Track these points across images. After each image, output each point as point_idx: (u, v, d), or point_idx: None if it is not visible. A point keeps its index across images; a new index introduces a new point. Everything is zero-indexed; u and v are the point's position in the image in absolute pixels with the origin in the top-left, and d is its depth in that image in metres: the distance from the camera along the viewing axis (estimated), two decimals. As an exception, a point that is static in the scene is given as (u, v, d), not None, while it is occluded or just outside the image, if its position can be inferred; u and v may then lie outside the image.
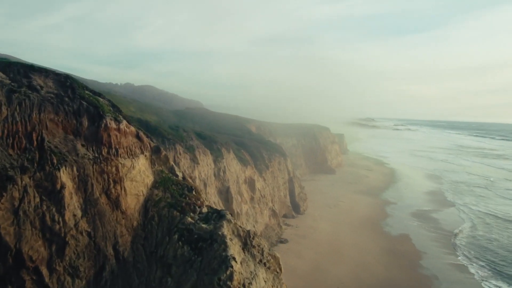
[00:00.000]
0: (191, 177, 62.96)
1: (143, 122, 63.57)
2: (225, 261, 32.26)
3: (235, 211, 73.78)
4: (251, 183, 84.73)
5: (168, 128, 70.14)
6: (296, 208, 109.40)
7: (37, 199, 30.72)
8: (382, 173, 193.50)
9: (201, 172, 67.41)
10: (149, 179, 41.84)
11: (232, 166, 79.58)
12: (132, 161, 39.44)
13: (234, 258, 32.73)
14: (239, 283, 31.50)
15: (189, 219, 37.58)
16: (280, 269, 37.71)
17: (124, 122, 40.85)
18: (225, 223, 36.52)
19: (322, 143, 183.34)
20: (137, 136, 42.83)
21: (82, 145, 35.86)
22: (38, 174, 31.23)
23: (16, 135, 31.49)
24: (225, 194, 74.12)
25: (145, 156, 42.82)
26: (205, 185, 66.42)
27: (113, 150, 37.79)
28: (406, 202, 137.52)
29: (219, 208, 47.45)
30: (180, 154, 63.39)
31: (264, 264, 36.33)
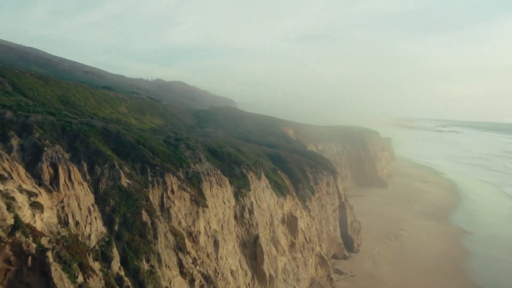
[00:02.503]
0: (191, 234, 34.81)
1: (112, 135, 35.52)
2: None
3: (267, 274, 45.02)
4: (291, 223, 55.46)
5: (162, 144, 41.95)
6: (348, 244, 79.38)
7: None
8: (440, 186, 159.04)
9: (211, 220, 38.80)
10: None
11: (264, 199, 50.54)
12: None
13: None
14: None
15: None
16: None
17: None
18: None
19: (371, 151, 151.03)
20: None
21: None
22: None
23: None
24: (251, 248, 45.46)
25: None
26: (216, 243, 37.80)
27: None
28: (485, 230, 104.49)
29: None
30: (172, 192, 35.02)
31: None
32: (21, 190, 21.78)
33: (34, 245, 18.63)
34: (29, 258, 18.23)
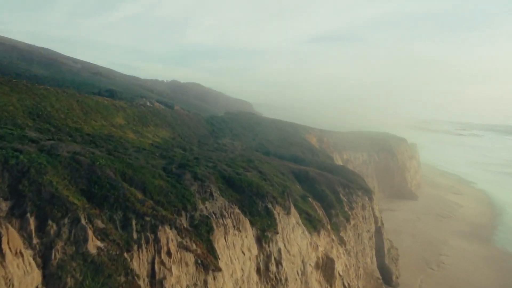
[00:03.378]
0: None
1: (84, 168, 23.88)
2: None
3: None
4: (327, 267, 43.17)
5: (159, 175, 30.15)
6: (386, 276, 66.76)
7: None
8: (474, 198, 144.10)
9: (224, 282, 26.94)
10: None
11: (295, 241, 38.40)
12: None
13: None
14: None
15: None
16: None
17: None
18: None
19: (400, 160, 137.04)
20: None
21: None
22: None
23: None
24: (278, 311, 33.38)
25: None
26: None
27: None
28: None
29: None
30: (169, 254, 23.36)
31: None
32: None
33: None
34: None
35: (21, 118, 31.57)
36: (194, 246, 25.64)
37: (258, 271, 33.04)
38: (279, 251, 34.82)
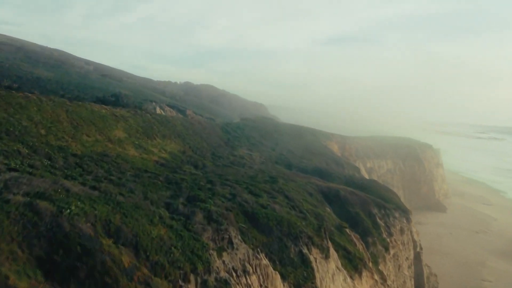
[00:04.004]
0: None
1: (44, 221, 16.11)
2: None
3: None
4: (372, 319, 34.38)
5: (160, 218, 21.87)
6: (427, 310, 57.47)
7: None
8: (508, 210, 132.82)
9: None
10: None
11: (335, 293, 29.71)
12: None
13: None
14: None
15: None
16: None
17: None
18: None
19: (427, 168, 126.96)
20: None
21: None
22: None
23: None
24: None
25: None
26: None
27: None
28: None
29: None
30: None
31: None
32: None
33: None
34: None
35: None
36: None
37: None
38: (317, 310, 26.30)
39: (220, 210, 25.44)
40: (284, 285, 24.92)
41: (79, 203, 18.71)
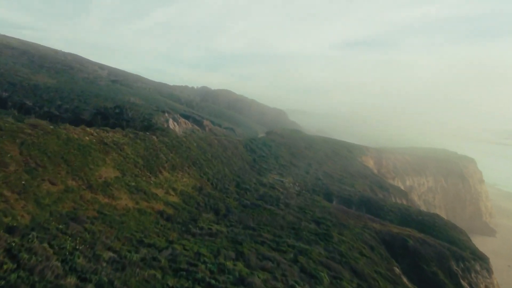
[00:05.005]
0: None
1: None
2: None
3: None
4: None
5: None
6: None
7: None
8: None
9: None
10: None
11: None
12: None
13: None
14: None
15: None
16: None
17: None
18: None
19: (472, 185, 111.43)
20: None
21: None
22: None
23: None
24: None
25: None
26: None
27: None
28: None
29: None
30: None
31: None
32: None
33: None
34: None
35: None
36: None
37: None
38: None
39: None
40: None
41: None
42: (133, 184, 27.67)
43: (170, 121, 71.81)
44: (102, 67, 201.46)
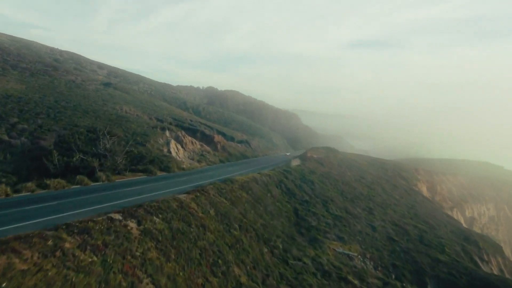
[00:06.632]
0: None
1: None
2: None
3: None
4: None
5: None
6: None
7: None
8: None
9: None
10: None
11: None
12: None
13: None
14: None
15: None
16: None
17: None
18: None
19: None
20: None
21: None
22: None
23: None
24: None
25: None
26: None
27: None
28: None
29: None
30: None
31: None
32: None
33: None
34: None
35: None
36: None
37: None
38: None
39: None
40: None
41: None
42: None
43: (172, 143, 51.79)
44: (101, 66, 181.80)
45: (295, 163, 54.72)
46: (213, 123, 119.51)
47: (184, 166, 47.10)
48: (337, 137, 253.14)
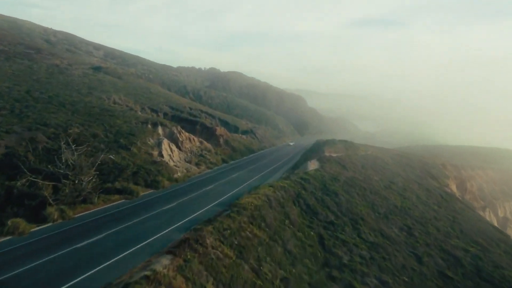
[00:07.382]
0: None
1: None
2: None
3: None
4: None
5: None
6: None
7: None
8: None
9: None
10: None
11: None
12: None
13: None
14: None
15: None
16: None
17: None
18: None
19: None
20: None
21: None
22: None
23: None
24: None
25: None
26: None
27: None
28: None
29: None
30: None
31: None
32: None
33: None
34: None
35: None
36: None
37: None
38: None
39: None
40: None
41: None
42: None
43: (164, 143, 42.51)
44: (97, 47, 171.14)
45: (313, 166, 45.46)
46: (215, 109, 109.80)
47: (179, 174, 37.96)
48: (342, 120, 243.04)
